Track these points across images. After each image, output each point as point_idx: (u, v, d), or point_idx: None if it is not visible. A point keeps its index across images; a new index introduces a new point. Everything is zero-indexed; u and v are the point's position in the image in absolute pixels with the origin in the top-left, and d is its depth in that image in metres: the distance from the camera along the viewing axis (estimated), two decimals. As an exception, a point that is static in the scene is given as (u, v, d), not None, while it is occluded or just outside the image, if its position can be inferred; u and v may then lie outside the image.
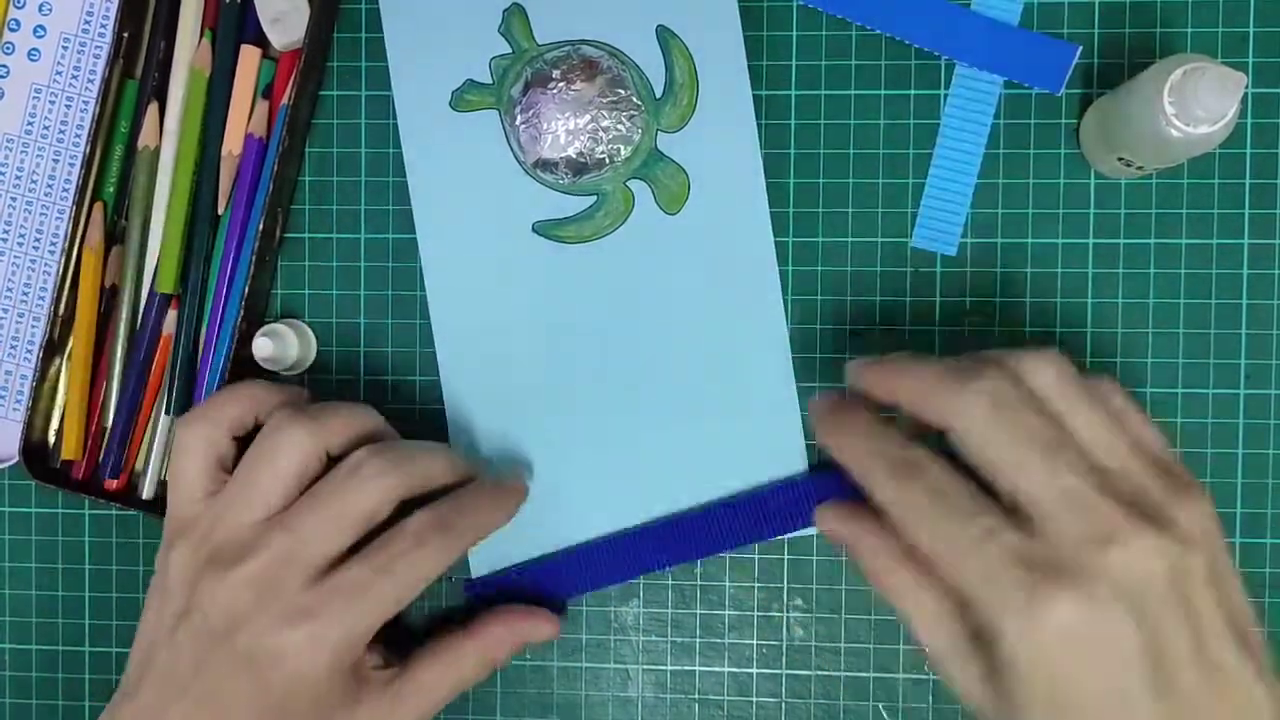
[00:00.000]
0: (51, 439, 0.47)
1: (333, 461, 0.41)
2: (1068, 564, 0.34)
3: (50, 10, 0.48)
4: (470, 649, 0.43)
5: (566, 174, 0.46)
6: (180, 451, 0.42)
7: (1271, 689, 0.35)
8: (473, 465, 0.44)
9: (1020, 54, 0.45)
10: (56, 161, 0.48)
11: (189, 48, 0.47)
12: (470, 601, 0.47)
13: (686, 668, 0.47)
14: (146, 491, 0.47)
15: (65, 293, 0.46)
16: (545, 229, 0.46)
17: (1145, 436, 0.36)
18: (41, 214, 0.48)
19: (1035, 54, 0.45)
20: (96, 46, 0.48)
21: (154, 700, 0.40)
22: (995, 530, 0.34)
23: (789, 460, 0.46)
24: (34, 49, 0.48)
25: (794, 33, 0.46)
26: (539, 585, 0.46)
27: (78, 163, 0.47)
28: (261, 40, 0.46)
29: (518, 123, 0.46)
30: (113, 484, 0.47)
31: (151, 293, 0.47)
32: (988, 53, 0.45)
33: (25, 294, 0.48)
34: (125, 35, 0.46)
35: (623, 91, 0.45)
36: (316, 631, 0.38)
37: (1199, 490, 0.35)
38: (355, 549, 0.40)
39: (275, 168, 0.45)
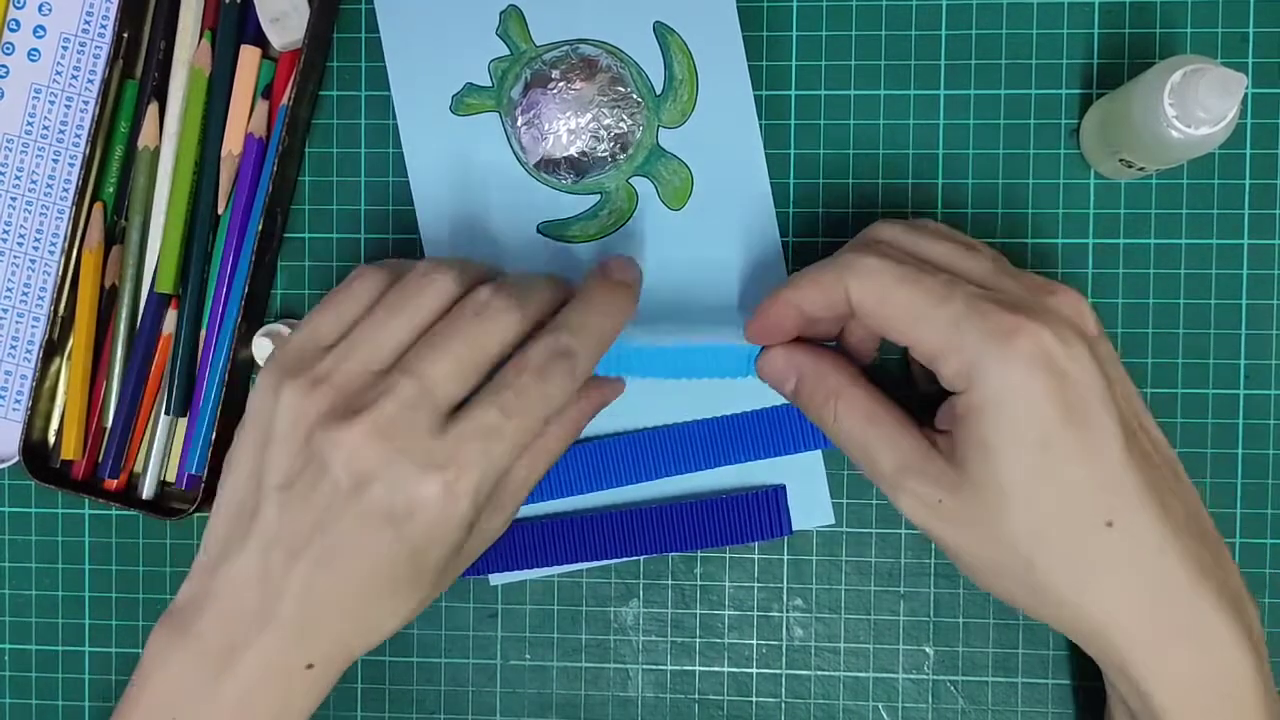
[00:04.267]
0: (51, 439, 0.47)
1: None
2: (1028, 304, 0.36)
3: (50, 10, 0.48)
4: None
5: (570, 174, 0.46)
6: (342, 290, 0.40)
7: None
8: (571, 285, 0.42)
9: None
10: (56, 161, 0.48)
11: (189, 48, 0.47)
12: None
13: (686, 668, 0.47)
14: (146, 491, 0.47)
15: (65, 293, 0.46)
16: (551, 229, 0.46)
17: (1000, 259, 0.39)
18: (41, 214, 0.48)
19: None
20: (96, 46, 0.48)
21: (262, 562, 0.37)
22: (956, 282, 0.37)
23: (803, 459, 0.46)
24: (34, 49, 0.48)
25: (794, 33, 0.46)
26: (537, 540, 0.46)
27: (78, 163, 0.47)
28: (261, 40, 0.46)
29: (519, 124, 0.45)
30: (112, 484, 0.47)
31: (151, 293, 0.47)
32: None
33: (25, 294, 0.48)
34: (125, 35, 0.46)
35: (623, 89, 0.45)
36: (452, 481, 0.36)
37: (1071, 290, 0.38)
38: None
39: (275, 168, 0.45)
